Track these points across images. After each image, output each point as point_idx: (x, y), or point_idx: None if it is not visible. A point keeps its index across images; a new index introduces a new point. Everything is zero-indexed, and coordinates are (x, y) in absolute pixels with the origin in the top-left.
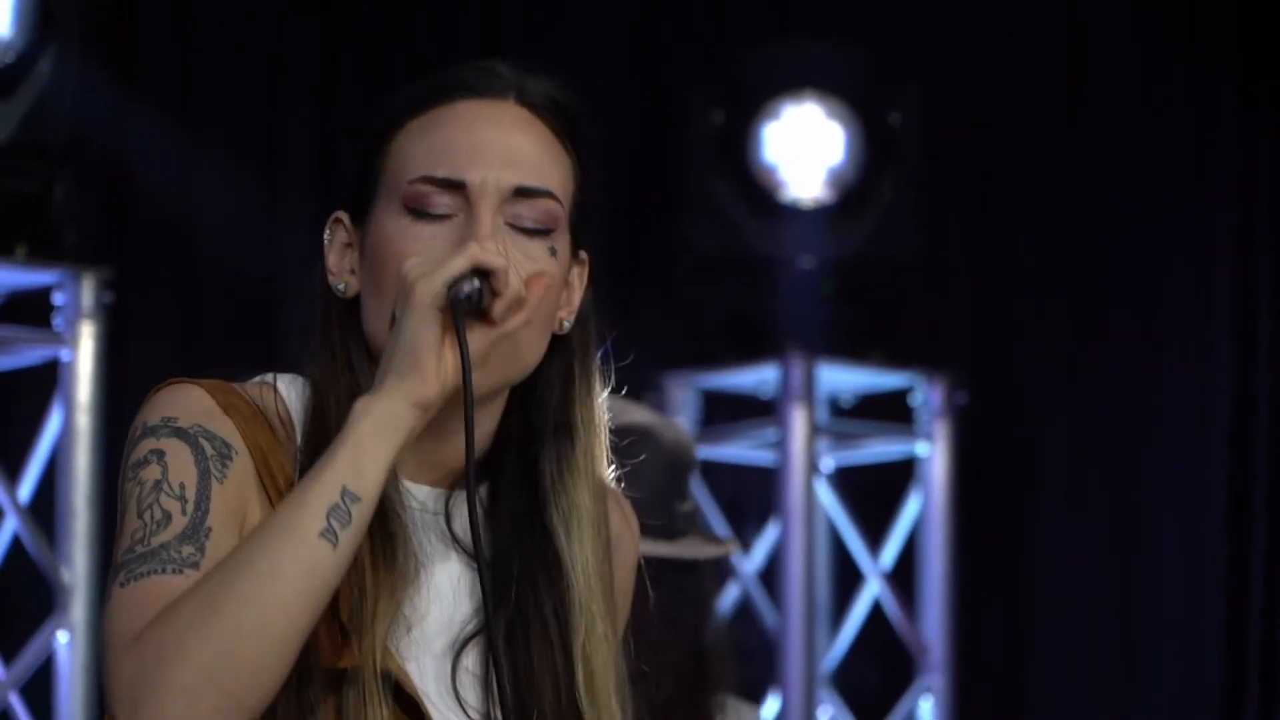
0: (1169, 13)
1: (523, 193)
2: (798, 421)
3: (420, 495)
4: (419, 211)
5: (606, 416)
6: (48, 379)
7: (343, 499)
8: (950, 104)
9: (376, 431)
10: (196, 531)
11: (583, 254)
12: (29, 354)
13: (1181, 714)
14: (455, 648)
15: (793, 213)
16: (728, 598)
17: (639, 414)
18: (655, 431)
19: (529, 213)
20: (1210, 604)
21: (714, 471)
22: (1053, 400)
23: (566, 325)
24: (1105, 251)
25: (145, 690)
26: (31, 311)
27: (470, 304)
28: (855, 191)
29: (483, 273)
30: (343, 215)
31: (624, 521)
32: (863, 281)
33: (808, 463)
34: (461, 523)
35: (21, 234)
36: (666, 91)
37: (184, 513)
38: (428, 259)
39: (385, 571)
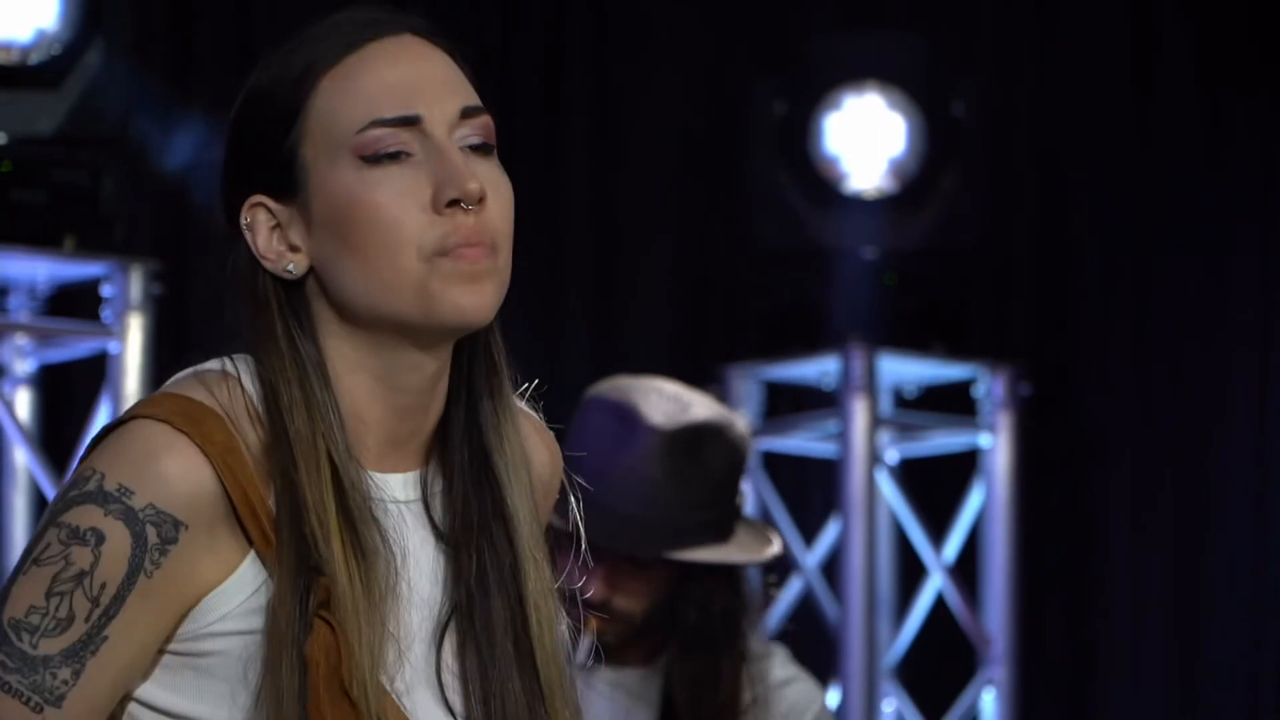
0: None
1: (468, 113)
2: (858, 413)
3: (394, 486)
4: (374, 157)
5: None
6: (96, 371)
7: None
8: (1013, 93)
9: None
10: (87, 647)
11: None
12: (78, 346)
13: (1246, 705)
14: (437, 637)
15: (854, 204)
16: (790, 590)
17: (704, 409)
18: (723, 430)
19: (475, 131)
20: (1276, 596)
21: (777, 463)
22: (1116, 391)
23: None
24: (1170, 241)
25: None
26: (80, 304)
27: None
28: (917, 182)
29: None
30: (260, 198)
31: (552, 456)
32: (925, 273)
33: (869, 454)
34: (436, 500)
35: (70, 226)
36: (729, 83)
37: (87, 619)
38: None
39: (368, 597)
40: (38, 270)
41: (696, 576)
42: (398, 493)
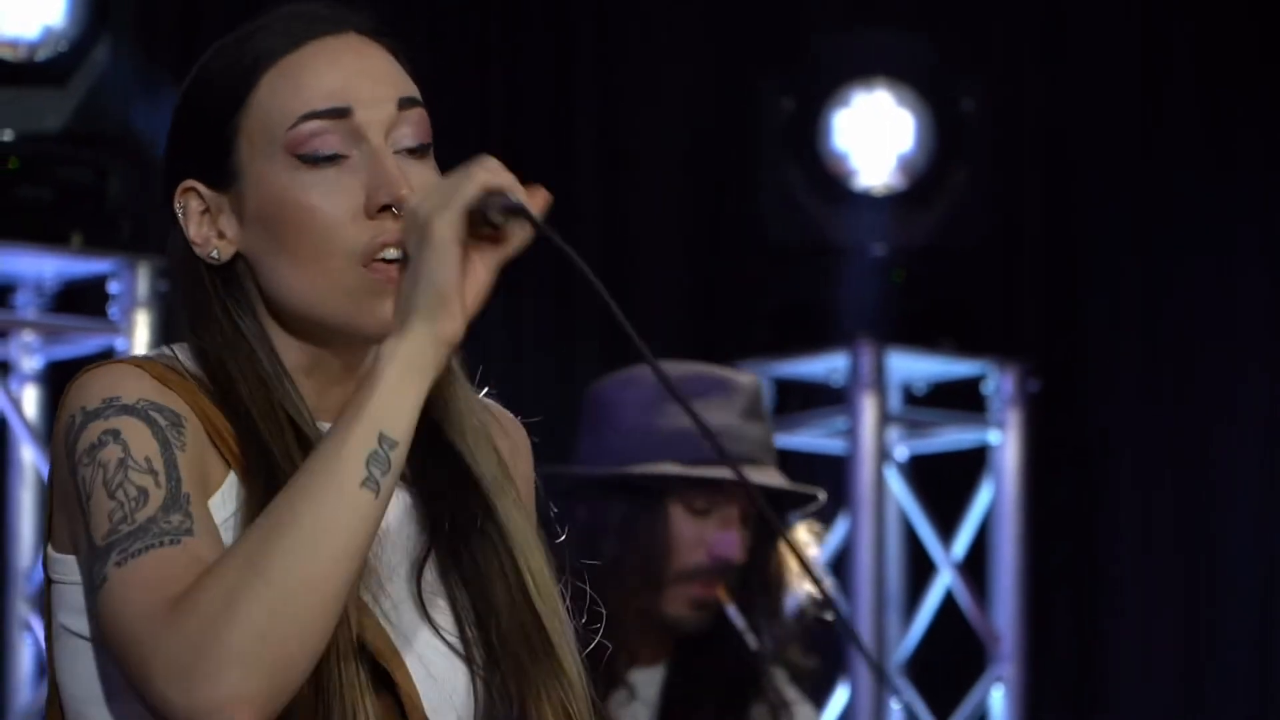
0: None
1: (404, 104)
2: (867, 410)
3: None
4: (308, 157)
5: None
6: None
7: (381, 445)
8: (1021, 90)
9: (406, 372)
10: (177, 500)
11: None
12: (84, 343)
13: (1254, 703)
14: (415, 571)
15: (863, 200)
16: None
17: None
18: (729, 377)
19: (413, 130)
20: None
21: (785, 460)
22: (1126, 388)
23: None
24: (1176, 239)
25: (197, 659)
26: (87, 300)
27: (513, 211)
28: (926, 179)
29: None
30: (194, 184)
31: (507, 435)
32: (933, 269)
33: (877, 451)
34: None
35: (77, 223)
36: (737, 79)
37: (158, 485)
38: (435, 190)
39: None
40: (44, 267)
41: (763, 526)
42: None
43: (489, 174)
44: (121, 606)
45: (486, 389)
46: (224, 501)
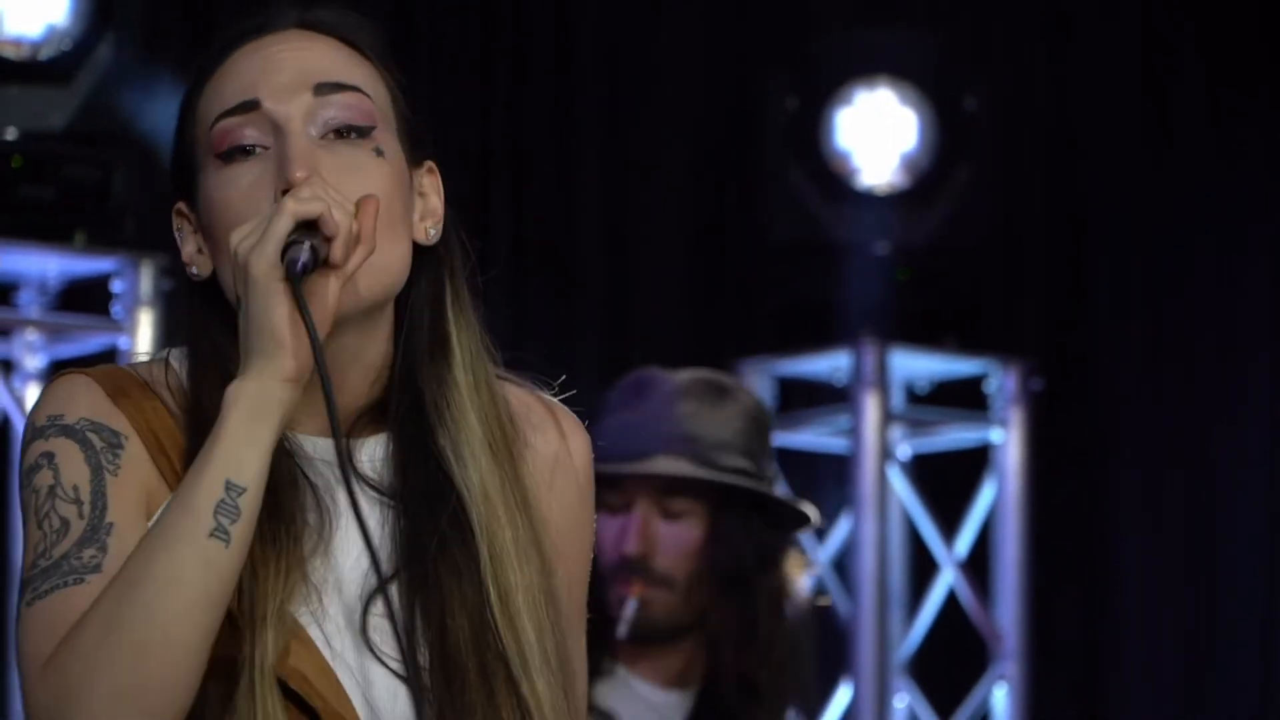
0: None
1: (323, 89)
2: (870, 408)
3: (318, 447)
4: (224, 154)
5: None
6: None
7: (228, 493)
8: (1025, 88)
9: (251, 416)
10: (96, 532)
11: (429, 164)
12: (88, 341)
13: (1258, 704)
14: (367, 593)
15: (866, 199)
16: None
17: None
18: (741, 386)
19: (340, 113)
20: None
21: (788, 458)
22: (1129, 387)
23: (433, 234)
24: (1180, 237)
25: (61, 718)
26: (90, 299)
27: (309, 269)
28: (929, 177)
29: (310, 224)
30: (180, 204)
31: (564, 440)
32: (936, 268)
33: (880, 450)
34: (370, 465)
35: (80, 221)
36: (740, 77)
37: (81, 515)
38: (253, 227)
39: (281, 550)
40: (48, 265)
41: (730, 518)
42: (323, 453)
43: (298, 204)
44: (22, 646)
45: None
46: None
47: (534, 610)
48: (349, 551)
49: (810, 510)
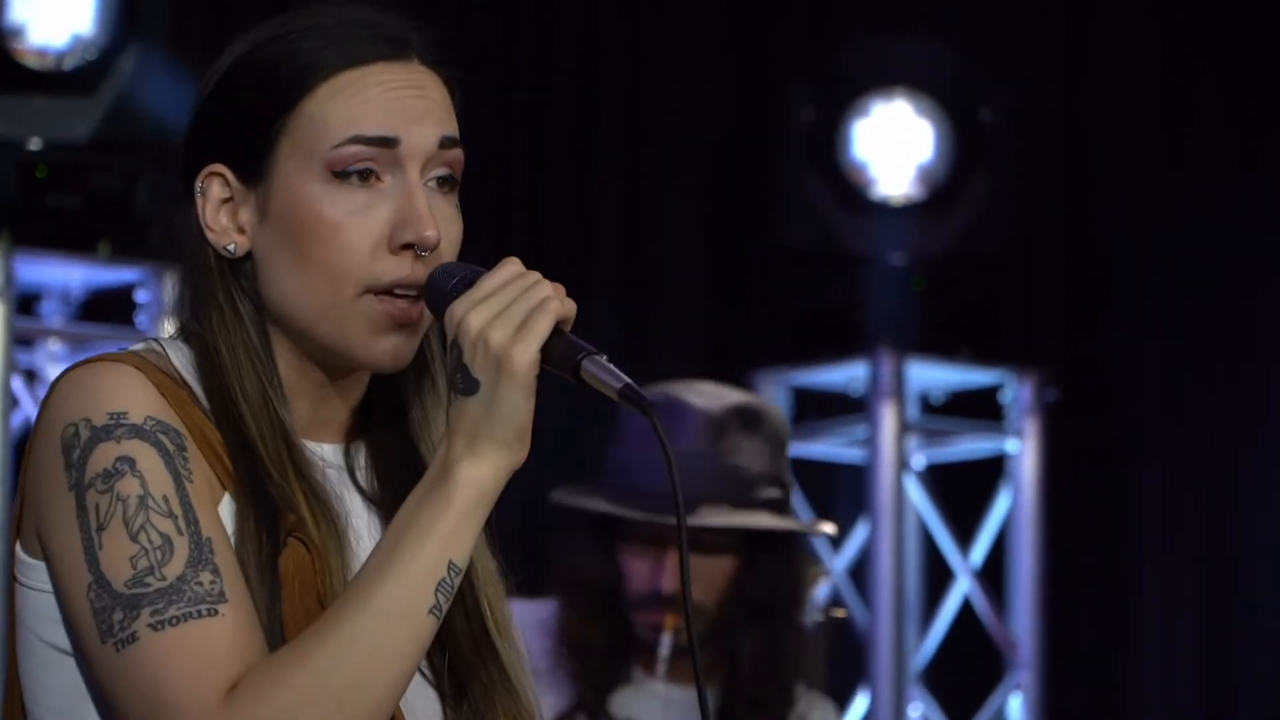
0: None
1: (445, 144)
2: (887, 418)
3: (325, 453)
4: (343, 174)
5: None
6: None
7: (449, 573)
8: (1041, 99)
9: (478, 501)
10: (200, 550)
11: None
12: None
13: (1277, 711)
14: None
15: (883, 210)
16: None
17: (740, 395)
18: (766, 408)
19: (450, 167)
20: None
21: (805, 469)
22: (1144, 396)
23: None
24: (1198, 247)
25: None
26: (115, 309)
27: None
28: (945, 188)
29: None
30: (222, 169)
31: None
32: (953, 278)
33: (897, 460)
34: (362, 473)
35: (105, 231)
36: (758, 88)
37: (180, 531)
38: (490, 307)
39: (333, 532)
40: (72, 276)
41: (763, 550)
42: (329, 458)
43: (563, 306)
44: (162, 673)
45: None
46: (223, 520)
47: (497, 588)
48: (359, 547)
49: (827, 527)
